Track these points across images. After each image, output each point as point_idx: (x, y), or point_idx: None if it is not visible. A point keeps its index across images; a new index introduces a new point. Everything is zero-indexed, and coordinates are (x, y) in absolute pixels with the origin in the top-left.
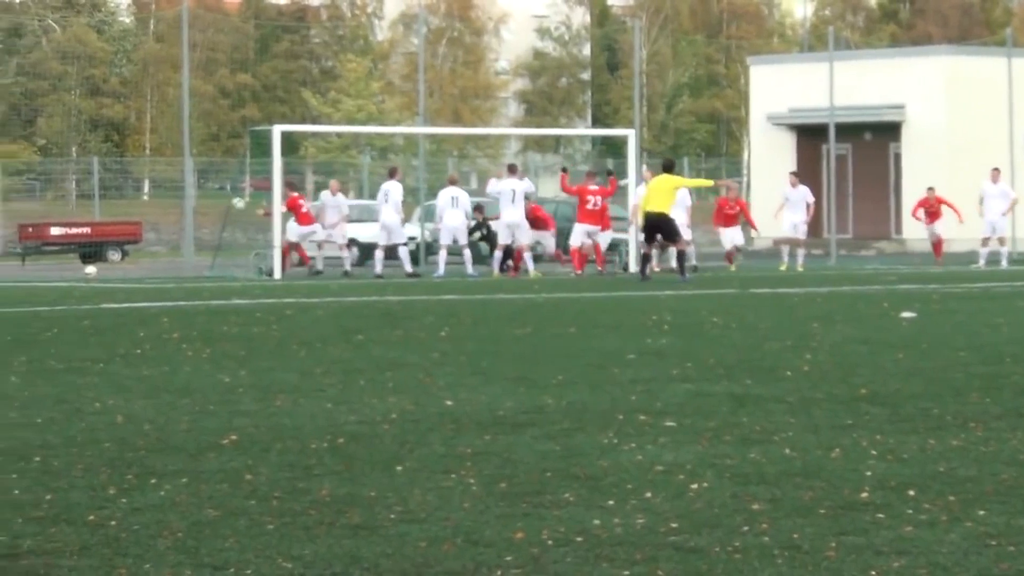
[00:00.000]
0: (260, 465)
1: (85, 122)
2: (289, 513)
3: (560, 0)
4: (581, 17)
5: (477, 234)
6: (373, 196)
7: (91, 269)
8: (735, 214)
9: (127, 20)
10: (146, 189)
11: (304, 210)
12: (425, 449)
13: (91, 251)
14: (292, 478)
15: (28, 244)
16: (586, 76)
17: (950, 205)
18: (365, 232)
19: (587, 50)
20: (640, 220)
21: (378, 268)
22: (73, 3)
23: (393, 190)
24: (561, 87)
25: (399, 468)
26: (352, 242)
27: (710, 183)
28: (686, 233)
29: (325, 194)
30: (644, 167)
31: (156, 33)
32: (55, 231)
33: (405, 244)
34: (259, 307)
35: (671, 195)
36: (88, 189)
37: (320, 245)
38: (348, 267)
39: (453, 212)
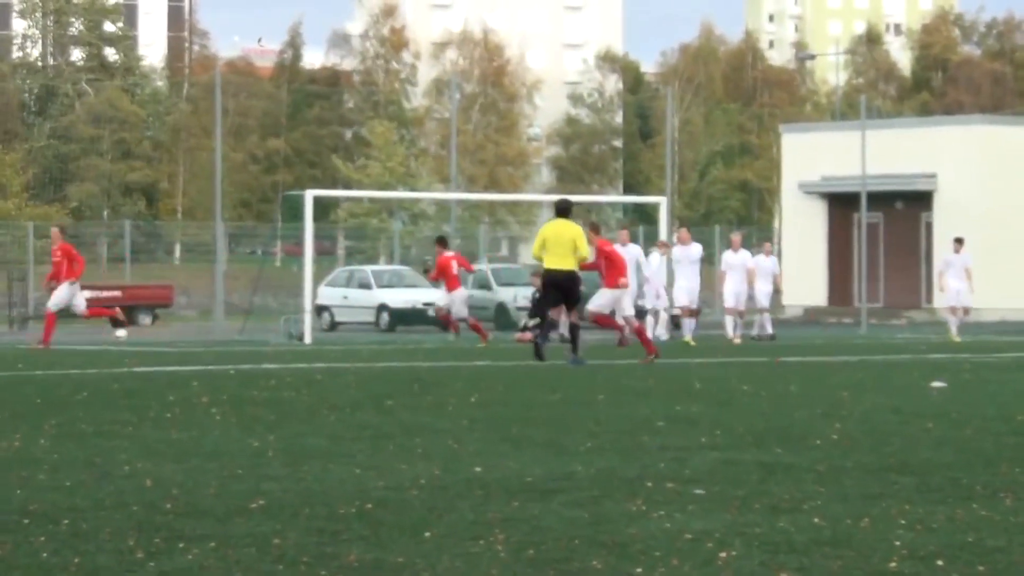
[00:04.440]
0: (288, 530)
1: (117, 186)
2: None
3: (593, 67)
4: (614, 84)
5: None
6: (404, 261)
7: (121, 332)
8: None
9: (160, 84)
10: (177, 253)
11: (455, 272)
12: (453, 515)
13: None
14: (320, 543)
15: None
16: (618, 143)
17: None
18: (397, 298)
19: (620, 117)
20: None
21: (663, 332)
22: (106, 66)
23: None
24: (594, 154)
25: (427, 534)
26: (383, 307)
27: (588, 259)
28: (730, 300)
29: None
30: (675, 235)
31: (189, 97)
32: (85, 294)
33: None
34: (289, 372)
35: (572, 246)
36: (119, 252)
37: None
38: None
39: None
